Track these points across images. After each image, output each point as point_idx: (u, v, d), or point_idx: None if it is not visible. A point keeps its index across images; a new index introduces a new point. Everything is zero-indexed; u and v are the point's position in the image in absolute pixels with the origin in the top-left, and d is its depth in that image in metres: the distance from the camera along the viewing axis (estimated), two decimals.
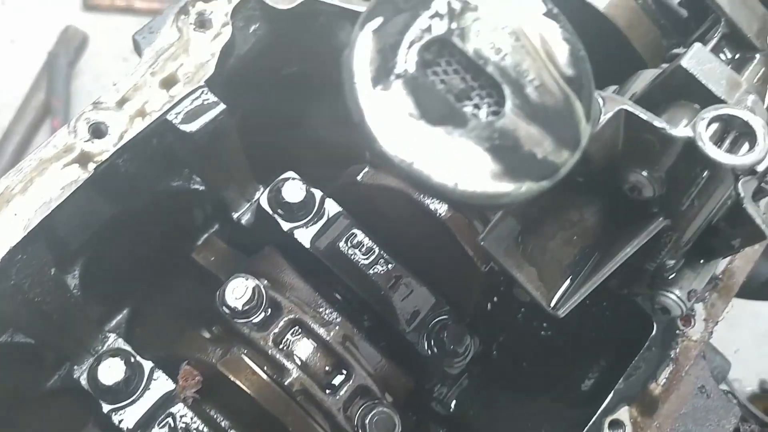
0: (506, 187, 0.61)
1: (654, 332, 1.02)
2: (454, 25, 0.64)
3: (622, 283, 0.97)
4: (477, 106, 0.64)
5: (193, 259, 1.21)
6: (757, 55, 1.04)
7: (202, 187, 1.18)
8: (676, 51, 1.08)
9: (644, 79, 0.96)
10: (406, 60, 0.62)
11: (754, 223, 0.84)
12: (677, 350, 1.04)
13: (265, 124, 1.26)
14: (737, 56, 1.06)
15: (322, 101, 1.35)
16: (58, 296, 1.04)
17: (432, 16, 0.63)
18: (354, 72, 0.61)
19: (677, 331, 1.04)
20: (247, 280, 0.93)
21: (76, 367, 1.09)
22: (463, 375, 1.12)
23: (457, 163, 0.60)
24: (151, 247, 1.24)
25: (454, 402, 1.14)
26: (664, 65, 1.06)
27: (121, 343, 1.07)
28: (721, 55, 1.06)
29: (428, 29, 0.63)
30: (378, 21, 0.62)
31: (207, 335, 1.04)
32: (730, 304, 1.10)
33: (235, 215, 1.17)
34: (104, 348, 1.08)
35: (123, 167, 1.06)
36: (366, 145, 0.60)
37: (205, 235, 1.30)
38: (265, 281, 0.98)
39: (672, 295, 0.91)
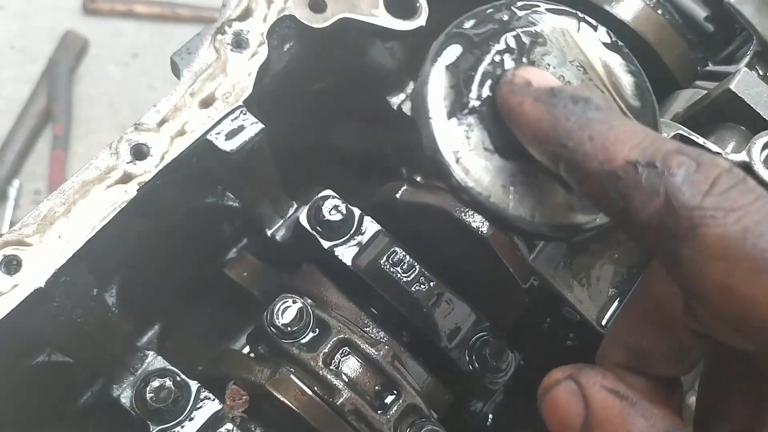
0: (581, 218, 0.63)
1: None
2: (525, 60, 0.65)
3: None
4: None
5: (224, 275, 1.21)
6: None
7: (236, 204, 1.19)
8: (710, 68, 1.10)
9: (683, 99, 0.98)
10: (480, 94, 0.63)
11: None
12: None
13: (295, 140, 1.26)
14: None
15: (351, 116, 1.36)
16: (100, 316, 1.04)
17: (502, 51, 0.64)
18: (429, 107, 0.62)
19: None
20: (294, 299, 0.94)
21: (115, 385, 1.09)
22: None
23: (532, 196, 0.61)
24: (183, 262, 1.24)
25: (491, 416, 1.15)
26: (699, 83, 1.07)
27: (161, 362, 1.07)
28: (755, 73, 1.07)
29: (500, 63, 0.64)
30: (450, 56, 0.63)
31: (248, 353, 1.05)
32: None
33: (269, 231, 1.18)
34: (144, 366, 1.08)
35: (161, 186, 1.07)
36: (441, 179, 0.61)
37: (235, 249, 1.31)
38: (309, 300, 0.98)
39: None
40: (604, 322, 0.87)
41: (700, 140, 0.77)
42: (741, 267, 0.50)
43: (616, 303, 0.88)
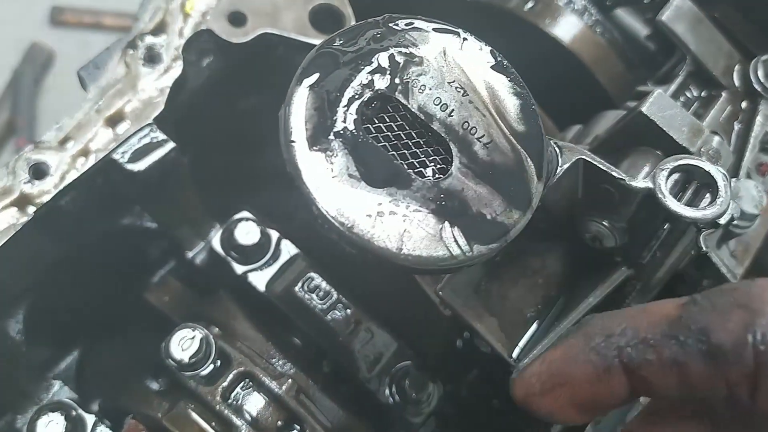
0: (453, 249, 0.58)
1: None
2: (397, 81, 0.60)
3: None
4: (423, 165, 0.60)
5: (145, 299, 1.16)
6: (723, 93, 1.03)
7: (153, 225, 1.14)
8: (641, 88, 1.06)
9: (607, 120, 0.94)
10: (346, 118, 0.58)
11: (720, 272, 0.81)
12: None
13: (221, 158, 1.22)
14: (703, 94, 1.04)
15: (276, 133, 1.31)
16: (1, 345, 0.99)
17: (373, 71, 0.60)
18: (291, 131, 0.57)
19: None
20: (194, 330, 0.89)
21: (19, 416, 1.04)
22: (429, 419, 1.07)
23: (400, 227, 0.57)
24: (103, 287, 1.19)
25: None
26: (629, 103, 1.04)
27: (65, 393, 1.02)
28: (687, 93, 1.04)
29: (369, 85, 0.59)
30: (315, 76, 0.58)
31: (155, 386, 0.99)
32: None
33: (189, 254, 1.13)
34: (49, 396, 1.03)
35: (67, 207, 1.02)
36: (303, 207, 0.57)
37: (161, 272, 1.25)
38: (216, 329, 0.93)
39: None
40: (515, 355, 0.82)
41: (603, 166, 0.72)
42: None
43: (529, 332, 0.84)
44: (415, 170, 0.60)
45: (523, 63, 1.19)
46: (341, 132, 0.58)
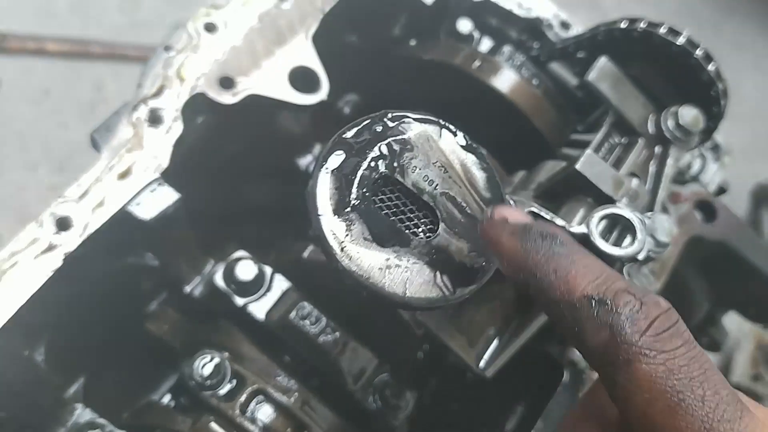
0: (444, 291, 0.77)
1: (564, 379, 1.19)
2: (395, 164, 0.79)
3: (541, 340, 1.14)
4: (417, 227, 0.79)
5: (147, 329, 1.30)
6: (640, 140, 1.23)
7: (155, 263, 1.28)
8: (574, 137, 1.27)
9: (547, 170, 1.14)
10: (359, 194, 0.76)
11: None
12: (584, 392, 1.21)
13: (212, 200, 1.37)
14: (624, 140, 1.24)
15: (264, 176, 1.48)
16: (30, 375, 1.12)
17: (377, 158, 0.78)
18: (318, 205, 0.75)
19: (584, 376, 1.22)
20: (212, 354, 1.05)
21: None
22: (405, 421, 1.26)
23: (404, 276, 0.75)
24: (105, 318, 1.32)
25: None
26: (565, 150, 1.24)
27: (89, 414, 1.15)
28: (611, 140, 1.24)
29: (375, 168, 0.78)
30: (334, 162, 0.76)
31: (169, 403, 1.14)
32: None
33: (188, 288, 1.28)
34: (74, 418, 1.16)
35: (84, 253, 1.16)
36: (330, 264, 0.74)
37: (156, 303, 1.39)
38: (226, 353, 1.10)
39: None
40: (482, 365, 1.02)
41: (548, 216, 0.92)
42: (660, 401, 0.61)
43: (492, 347, 1.03)
44: (412, 232, 0.79)
45: (474, 112, 1.39)
46: (356, 205, 0.76)
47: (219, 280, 1.17)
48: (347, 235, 0.75)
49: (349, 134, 0.79)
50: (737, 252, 1.37)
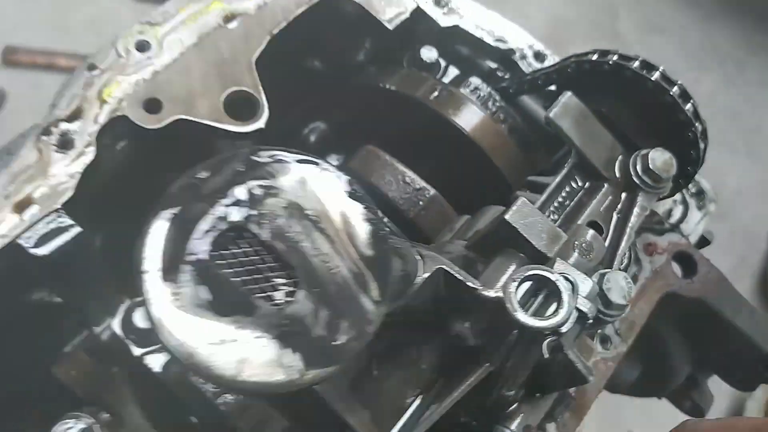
0: (291, 374, 0.63)
1: None
2: (253, 212, 0.65)
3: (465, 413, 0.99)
4: (271, 290, 0.65)
5: (53, 373, 1.18)
6: (605, 184, 1.10)
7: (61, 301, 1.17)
8: (531, 178, 1.13)
9: (487, 216, 1.00)
10: (198, 249, 0.63)
11: (575, 367, 0.87)
12: None
13: (133, 236, 1.25)
14: (587, 184, 1.11)
15: None
16: None
17: (230, 204, 0.65)
18: (144, 260, 0.62)
19: None
20: (78, 419, 0.92)
21: None
22: None
23: (241, 353, 0.62)
24: (11, 358, 1.21)
25: None
26: (519, 192, 1.10)
27: None
28: (573, 183, 1.11)
29: (224, 217, 0.65)
30: (174, 209, 0.63)
31: None
32: (582, 422, 1.13)
33: (97, 330, 1.16)
34: None
35: None
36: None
37: (74, 343, 1.28)
38: (106, 415, 0.97)
39: (507, 431, 0.93)
40: None
41: (460, 276, 0.78)
42: None
43: (402, 421, 0.88)
44: (265, 296, 0.65)
45: (432, 147, 1.26)
46: (193, 262, 0.63)
47: (117, 327, 1.05)
48: (176, 299, 0.62)
49: (203, 174, 0.66)
50: (717, 311, 1.21)
